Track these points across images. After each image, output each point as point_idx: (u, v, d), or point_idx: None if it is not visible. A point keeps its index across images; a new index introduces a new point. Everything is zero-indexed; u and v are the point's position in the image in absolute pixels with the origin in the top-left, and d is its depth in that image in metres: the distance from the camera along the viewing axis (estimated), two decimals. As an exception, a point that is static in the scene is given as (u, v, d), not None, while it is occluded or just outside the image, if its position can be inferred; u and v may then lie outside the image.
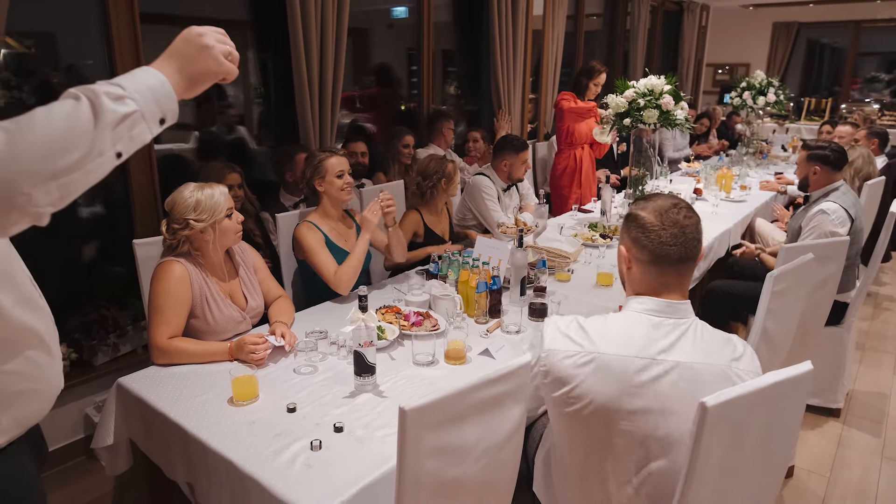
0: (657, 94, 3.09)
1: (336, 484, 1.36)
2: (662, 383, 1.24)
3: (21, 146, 0.80)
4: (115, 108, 0.88)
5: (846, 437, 2.74)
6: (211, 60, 0.99)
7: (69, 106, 0.86)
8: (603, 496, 1.36)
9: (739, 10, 9.31)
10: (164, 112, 0.95)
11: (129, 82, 0.91)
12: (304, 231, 2.38)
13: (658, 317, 1.30)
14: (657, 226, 1.30)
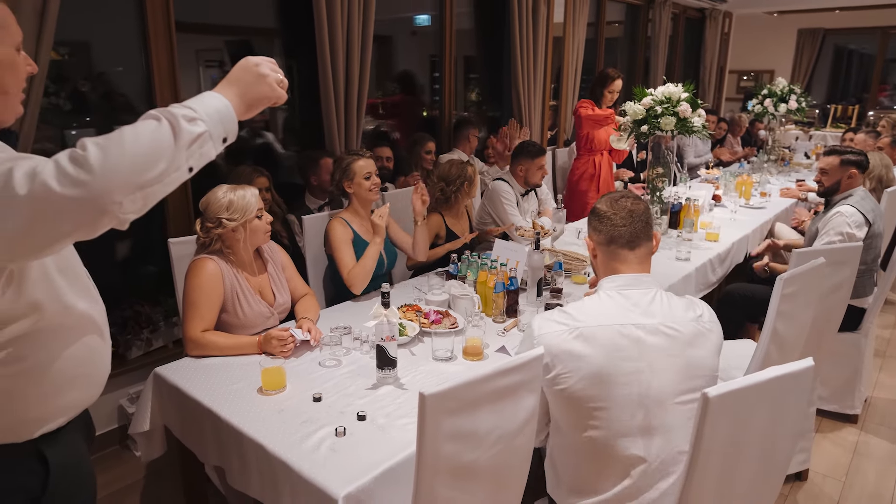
0: (674, 102, 3.14)
1: (360, 467, 1.44)
2: (647, 343, 1.42)
3: (114, 161, 0.91)
4: (190, 128, 0.98)
5: (863, 444, 2.75)
6: (266, 87, 1.11)
7: (153, 126, 0.97)
8: (614, 472, 1.44)
9: (763, 17, 9.25)
10: (227, 132, 1.06)
11: (199, 105, 1.02)
12: (335, 226, 2.50)
13: (626, 290, 1.50)
14: (609, 211, 1.55)
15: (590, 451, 1.47)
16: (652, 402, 1.40)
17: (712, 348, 1.47)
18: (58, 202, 0.89)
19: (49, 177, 0.89)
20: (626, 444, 1.42)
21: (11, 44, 1.09)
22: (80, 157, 0.90)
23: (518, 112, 4.82)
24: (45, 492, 1.18)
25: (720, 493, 1.30)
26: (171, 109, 0.99)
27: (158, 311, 3.09)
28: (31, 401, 1.14)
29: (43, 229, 0.92)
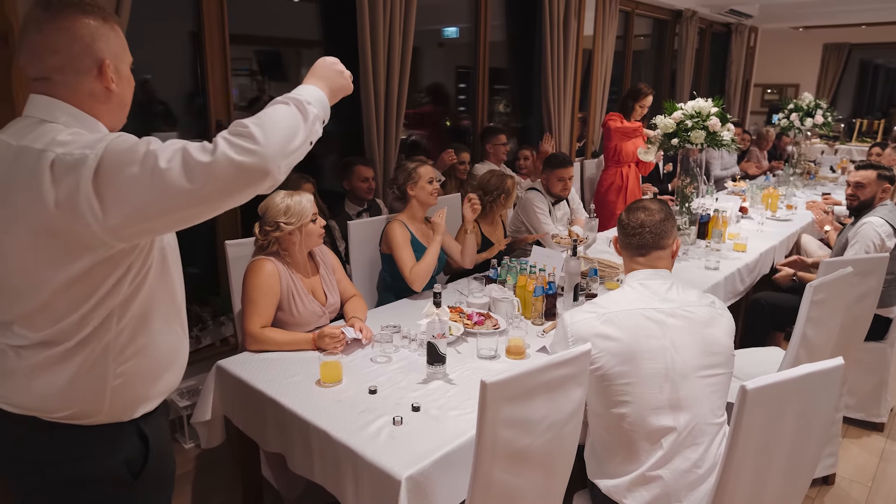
0: (704, 116, 3.25)
1: (418, 452, 1.56)
2: (668, 324, 1.61)
3: (271, 134, 1.10)
4: (309, 110, 1.19)
5: (889, 451, 2.82)
6: (344, 80, 1.34)
7: (287, 109, 1.16)
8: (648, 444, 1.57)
9: (789, 32, 9.29)
10: (326, 115, 1.27)
11: (307, 94, 1.23)
12: (395, 227, 2.65)
13: (647, 281, 1.70)
14: (625, 220, 1.77)
15: (625, 428, 1.60)
16: (677, 376, 1.56)
17: (725, 329, 1.67)
18: (236, 170, 1.07)
19: (225, 149, 1.07)
20: (656, 416, 1.56)
21: (128, 63, 1.27)
22: (245, 132, 1.09)
23: (548, 123, 4.95)
24: (144, 467, 1.32)
25: (755, 483, 1.40)
26: (293, 96, 1.19)
27: (207, 310, 3.25)
28: (139, 381, 1.29)
29: (233, 195, 1.11)
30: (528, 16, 4.87)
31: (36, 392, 1.20)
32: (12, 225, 1.12)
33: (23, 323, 1.19)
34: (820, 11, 7.60)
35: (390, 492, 1.50)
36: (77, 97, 1.17)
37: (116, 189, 1.06)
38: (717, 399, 1.63)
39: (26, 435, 1.23)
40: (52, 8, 1.15)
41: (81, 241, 1.10)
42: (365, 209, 3.54)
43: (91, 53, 1.16)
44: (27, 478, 1.25)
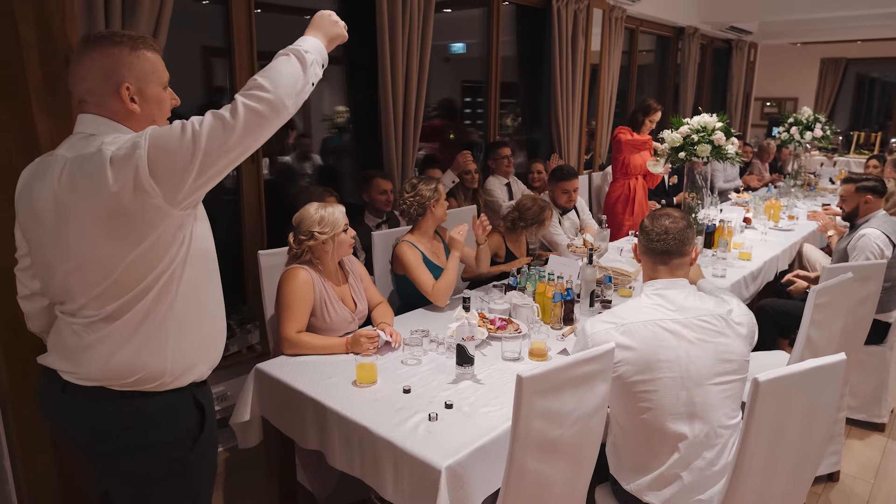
0: (710, 131, 3.40)
1: (454, 445, 1.69)
2: (682, 334, 1.70)
3: (277, 81, 1.34)
4: (308, 56, 1.40)
5: (890, 449, 2.96)
6: (338, 28, 1.55)
7: (287, 59, 1.39)
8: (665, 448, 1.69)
9: (788, 47, 9.51)
10: (323, 59, 1.48)
11: (306, 43, 1.44)
12: (405, 250, 2.75)
13: (663, 290, 1.79)
14: (648, 227, 1.85)
15: (644, 432, 1.72)
16: (692, 384, 1.67)
17: (740, 338, 1.75)
18: (255, 113, 1.31)
19: (243, 101, 1.31)
20: (673, 422, 1.68)
21: (159, 83, 1.45)
22: (256, 85, 1.33)
23: (557, 137, 5.11)
24: (201, 433, 1.51)
25: (766, 471, 1.54)
26: (291, 47, 1.42)
27: (234, 318, 3.38)
28: (193, 345, 1.47)
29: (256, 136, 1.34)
30: (537, 32, 5.03)
31: (103, 363, 1.38)
32: (83, 222, 1.31)
33: (92, 304, 1.37)
34: (817, 28, 7.81)
35: (430, 481, 1.63)
36: (110, 113, 1.39)
37: (163, 159, 1.27)
38: (731, 403, 1.73)
39: (100, 405, 1.41)
40: (87, 42, 1.38)
41: (149, 219, 1.30)
42: (384, 221, 3.68)
43: (112, 78, 1.37)
44: (102, 445, 1.43)
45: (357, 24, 3.75)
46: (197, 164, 1.28)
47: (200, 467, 1.53)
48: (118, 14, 2.37)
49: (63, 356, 1.43)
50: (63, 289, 1.40)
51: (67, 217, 1.32)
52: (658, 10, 6.29)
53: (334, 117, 4.39)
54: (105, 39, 1.38)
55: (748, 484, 1.53)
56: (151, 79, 1.42)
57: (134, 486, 1.47)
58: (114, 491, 1.53)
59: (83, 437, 1.45)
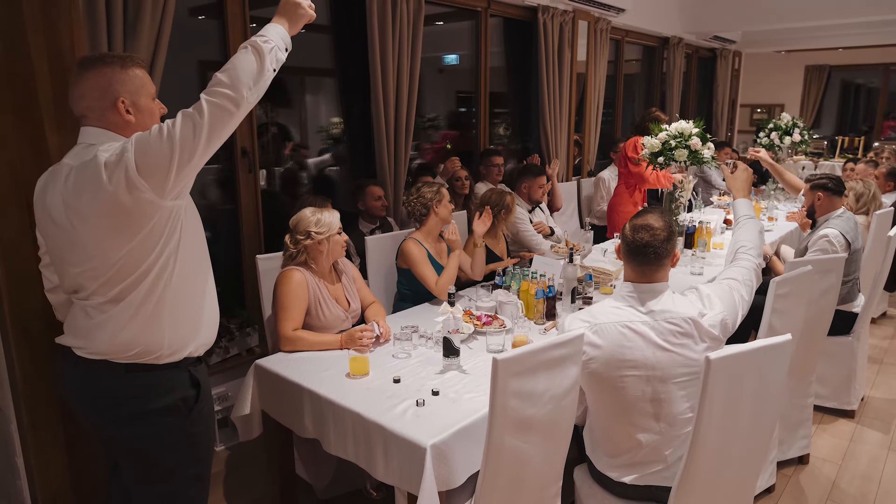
0: (686, 136, 3.57)
1: (439, 426, 1.83)
2: (649, 336, 1.79)
3: (235, 73, 1.50)
4: (266, 45, 1.55)
5: (858, 434, 3.11)
6: (302, 10, 1.67)
7: (245, 51, 1.53)
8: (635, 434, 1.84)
9: (772, 55, 9.73)
10: (286, 43, 1.63)
11: (267, 32, 1.59)
12: (411, 246, 2.94)
13: (636, 294, 1.87)
14: (629, 234, 1.89)
15: (614, 421, 1.87)
16: (656, 381, 1.79)
17: (709, 338, 1.81)
18: (216, 106, 1.47)
19: (205, 98, 1.48)
20: (640, 414, 1.81)
21: (148, 96, 1.64)
22: (216, 81, 1.49)
23: (545, 144, 5.28)
24: (196, 403, 1.70)
25: (723, 441, 1.68)
26: (252, 38, 1.56)
27: (234, 322, 3.52)
28: (188, 322, 1.66)
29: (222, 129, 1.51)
30: (525, 43, 5.21)
31: (110, 338, 1.57)
32: (88, 221, 1.50)
33: (100, 290, 1.56)
34: (799, 37, 8.03)
35: (417, 459, 1.77)
36: (108, 125, 1.59)
37: (148, 160, 1.45)
38: (692, 399, 1.81)
39: (106, 376, 1.61)
40: (82, 65, 1.59)
41: (143, 211, 1.49)
42: (378, 226, 3.83)
43: (108, 95, 1.57)
44: (106, 412, 1.63)
45: (349, 35, 3.93)
46: (176, 160, 1.46)
47: (197, 435, 1.72)
48: (119, 33, 2.51)
49: (75, 334, 1.64)
50: (76, 280, 1.59)
51: (75, 218, 1.51)
52: (642, 21, 6.49)
53: (329, 128, 4.56)
54: (98, 61, 1.58)
55: (704, 459, 1.67)
56: (142, 92, 1.62)
57: (138, 452, 1.67)
58: (121, 459, 1.73)
59: (93, 406, 1.66)
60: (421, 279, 2.89)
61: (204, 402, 1.74)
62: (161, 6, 2.61)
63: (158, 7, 2.60)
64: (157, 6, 2.60)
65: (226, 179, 3.51)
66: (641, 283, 1.89)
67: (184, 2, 2.78)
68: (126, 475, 1.76)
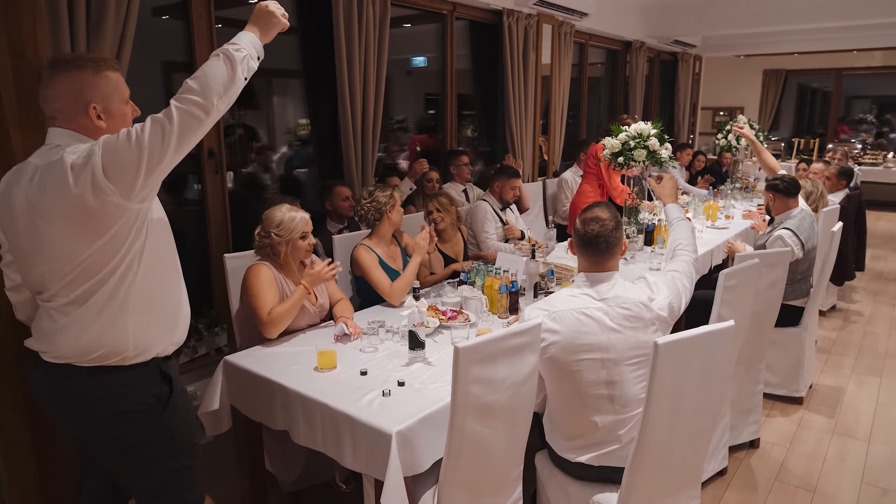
0: (645, 137, 3.70)
1: (404, 414, 1.90)
2: (605, 322, 1.91)
3: (206, 81, 1.51)
4: (238, 54, 1.57)
5: (806, 419, 3.28)
6: (275, 19, 1.69)
7: (217, 59, 1.55)
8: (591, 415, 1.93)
9: (732, 59, 10.05)
10: (258, 52, 1.65)
11: (239, 40, 1.61)
12: (361, 253, 2.95)
13: (592, 282, 2.00)
14: (580, 229, 2.02)
15: (572, 405, 1.96)
16: (611, 363, 1.91)
17: (660, 320, 1.96)
18: (185, 113, 1.49)
19: (175, 104, 1.49)
20: (596, 395, 1.91)
21: (121, 100, 1.64)
22: (186, 88, 1.50)
23: (511, 146, 5.38)
24: (170, 399, 1.71)
25: (671, 421, 1.78)
26: (224, 47, 1.58)
27: (202, 321, 3.53)
28: (153, 325, 1.67)
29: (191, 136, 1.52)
30: (490, 46, 5.31)
31: (73, 341, 1.57)
32: (53, 222, 1.50)
33: (63, 291, 1.55)
34: (756, 42, 8.33)
35: (382, 446, 1.83)
36: (78, 128, 1.59)
37: (115, 164, 1.46)
38: (644, 382, 1.91)
39: (71, 380, 1.61)
40: (54, 66, 1.57)
41: (109, 213, 1.50)
42: (345, 226, 3.87)
43: (80, 99, 1.56)
44: (78, 414, 1.63)
45: (316, 37, 3.97)
46: (144, 165, 1.47)
47: (177, 429, 1.73)
48: (82, 33, 2.50)
49: (40, 338, 1.64)
50: (39, 280, 1.58)
51: (40, 218, 1.51)
52: (605, 25, 6.66)
53: (297, 130, 4.59)
54: (70, 64, 1.56)
55: (654, 439, 1.77)
56: (115, 97, 1.62)
57: (119, 450, 1.68)
58: (102, 458, 1.74)
59: (65, 409, 1.65)
60: (374, 285, 2.89)
61: (178, 396, 1.75)
62: (125, 6, 2.62)
63: (122, 7, 2.61)
64: (120, 6, 2.60)
65: (192, 180, 3.52)
66: (595, 272, 2.02)
67: (148, 2, 2.79)
68: (112, 472, 1.78)
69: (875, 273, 6.14)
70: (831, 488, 2.73)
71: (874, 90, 11.34)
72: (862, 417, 3.32)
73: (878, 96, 11.44)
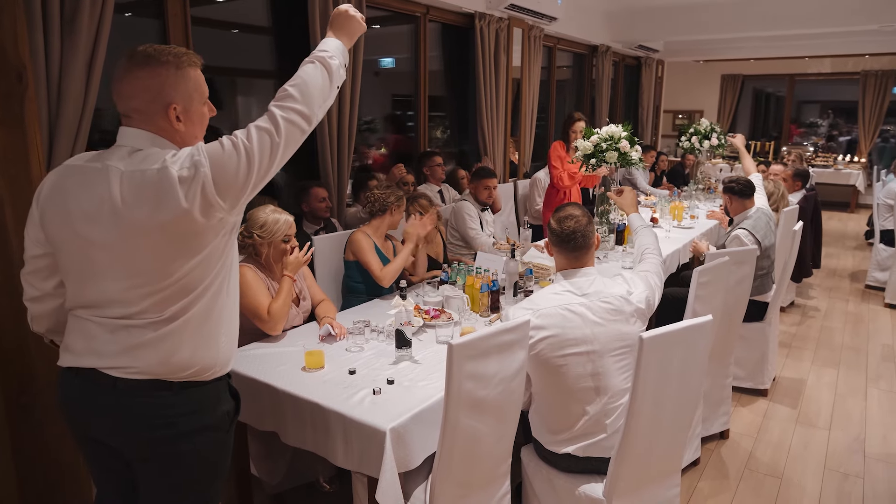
0: (616, 139, 3.82)
1: (396, 411, 1.93)
2: (588, 316, 1.99)
3: (308, 90, 1.48)
4: (332, 62, 1.55)
5: (771, 410, 3.44)
6: (356, 23, 1.67)
7: (314, 67, 1.52)
8: (577, 409, 2.01)
9: (691, 64, 10.37)
10: (345, 59, 1.62)
11: (329, 47, 1.57)
12: (360, 237, 3.02)
13: (571, 279, 2.09)
14: (556, 227, 2.12)
15: (559, 399, 2.03)
16: (596, 356, 1.99)
17: (639, 312, 2.07)
18: (289, 122, 1.45)
19: (278, 112, 1.45)
20: (582, 388, 1.99)
21: (201, 101, 1.51)
22: (287, 95, 1.47)
23: (483, 146, 5.46)
24: (236, 414, 1.65)
25: (655, 408, 1.87)
26: (317, 54, 1.55)
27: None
28: (232, 339, 1.60)
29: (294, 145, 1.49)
30: (462, 48, 5.38)
31: (165, 358, 1.44)
32: (152, 236, 1.37)
33: (154, 308, 1.42)
34: (715, 47, 8.64)
35: (377, 443, 1.86)
36: (155, 129, 1.45)
37: (226, 179, 1.38)
38: (627, 372, 2.02)
39: (157, 395, 1.46)
40: (132, 59, 1.43)
41: (213, 229, 1.41)
42: (322, 227, 3.87)
43: (160, 99, 1.43)
44: (158, 432, 1.46)
45: (290, 37, 3.96)
46: (254, 177, 1.41)
47: (231, 445, 1.64)
48: (56, 29, 2.44)
49: (109, 354, 1.44)
50: (112, 296, 1.42)
51: (134, 231, 1.36)
52: (573, 29, 6.81)
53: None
54: (151, 59, 1.42)
55: (640, 428, 1.85)
56: (195, 96, 1.48)
57: (178, 466, 1.51)
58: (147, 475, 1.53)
59: (134, 427, 1.47)
60: (366, 266, 2.98)
61: (238, 413, 1.68)
62: (99, 5, 2.58)
63: (97, 4, 2.57)
64: (95, 4, 2.56)
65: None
66: (574, 268, 2.12)
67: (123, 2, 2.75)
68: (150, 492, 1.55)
69: (829, 270, 6.44)
70: (797, 475, 2.87)
71: (823, 95, 11.87)
72: (822, 407, 3.50)
73: (827, 101, 11.98)
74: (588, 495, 2.00)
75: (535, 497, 2.19)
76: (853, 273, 6.37)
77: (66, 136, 2.50)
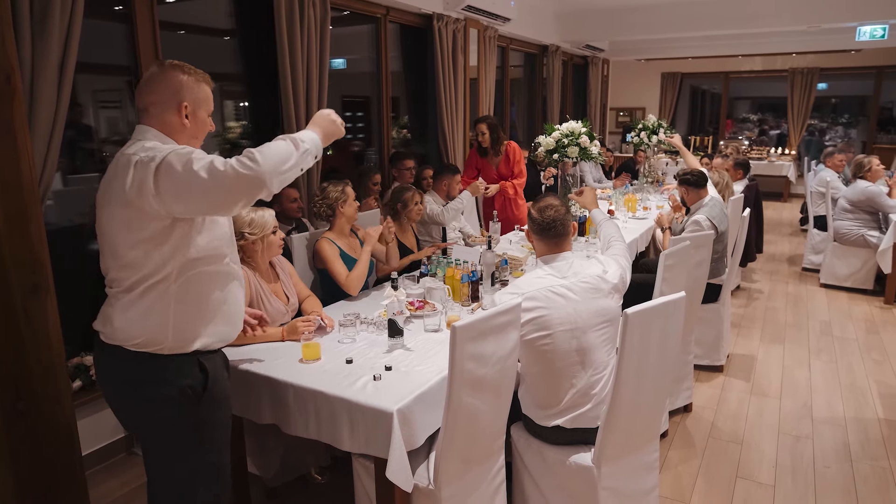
0: (577, 135, 4.03)
1: (400, 394, 2.04)
2: (570, 296, 2.16)
3: (268, 159, 1.60)
4: (302, 145, 1.70)
5: (727, 384, 3.73)
6: (336, 127, 1.88)
7: (285, 143, 1.67)
8: (565, 384, 2.17)
9: (634, 63, 10.81)
10: (317, 152, 1.78)
11: (303, 136, 1.73)
12: (323, 245, 3.06)
13: (551, 262, 2.27)
14: (537, 216, 2.30)
15: (547, 376, 2.19)
16: (580, 332, 2.16)
17: (614, 289, 2.27)
18: (239, 179, 1.56)
19: (234, 164, 1.57)
20: (569, 365, 2.15)
21: (207, 111, 1.81)
22: (249, 155, 1.59)
23: (444, 146, 5.59)
24: (205, 389, 1.79)
25: (637, 377, 2.05)
26: (292, 135, 1.70)
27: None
28: (192, 321, 1.76)
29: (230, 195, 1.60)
30: (420, 49, 5.49)
31: (120, 325, 1.71)
32: (113, 205, 1.65)
33: (118, 276, 1.70)
34: (655, 47, 9.06)
35: (384, 424, 1.96)
36: (163, 126, 1.73)
37: (167, 180, 1.57)
38: (609, 344, 2.22)
39: (122, 360, 1.73)
40: (162, 66, 1.75)
41: (148, 212, 1.62)
42: (293, 228, 3.92)
43: (176, 96, 1.73)
44: (129, 396, 1.76)
45: (256, 41, 3.99)
46: (184, 195, 1.59)
47: (208, 422, 1.80)
48: (27, 34, 2.44)
49: (101, 319, 1.77)
50: (104, 263, 1.74)
51: (108, 207, 1.67)
52: (524, 29, 7.03)
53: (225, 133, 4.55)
54: (178, 68, 1.75)
55: (624, 398, 2.03)
56: (204, 105, 1.79)
57: (154, 434, 1.77)
58: (141, 439, 1.84)
59: (115, 388, 1.79)
60: (333, 275, 3.01)
61: (215, 388, 1.82)
62: (69, 7, 2.57)
63: (67, 7, 2.56)
64: (65, 7, 2.55)
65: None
66: (553, 253, 2.29)
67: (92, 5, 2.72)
68: (145, 458, 1.84)
69: (769, 255, 6.90)
70: (755, 440, 3.14)
71: (755, 92, 12.59)
72: (772, 379, 3.81)
73: (758, 97, 12.72)
74: (578, 464, 2.17)
75: (527, 471, 2.34)
76: (791, 257, 6.85)
77: (40, 141, 2.47)
